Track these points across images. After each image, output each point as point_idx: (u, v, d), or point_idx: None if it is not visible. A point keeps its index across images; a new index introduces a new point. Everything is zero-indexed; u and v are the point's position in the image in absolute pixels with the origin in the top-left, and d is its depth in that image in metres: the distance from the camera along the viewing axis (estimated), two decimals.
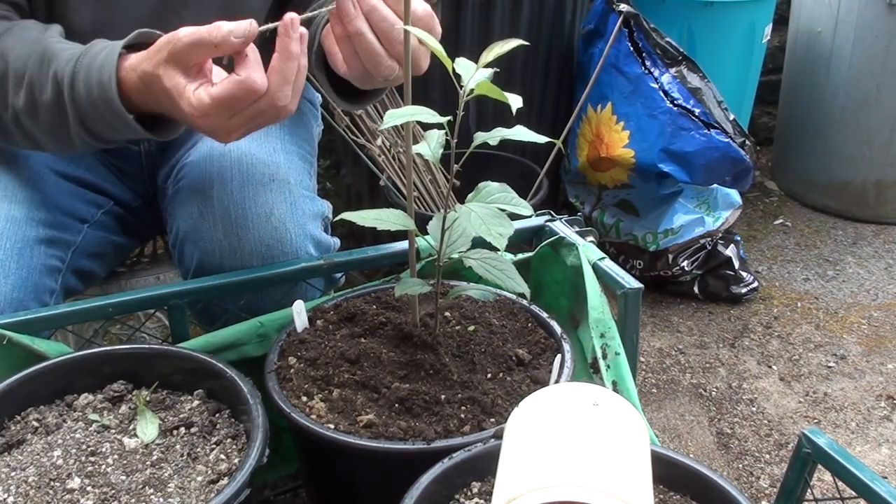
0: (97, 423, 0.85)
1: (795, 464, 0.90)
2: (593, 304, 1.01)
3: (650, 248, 2.37)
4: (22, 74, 0.95)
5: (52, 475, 0.78)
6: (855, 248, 2.73)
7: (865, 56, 2.68)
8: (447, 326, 0.97)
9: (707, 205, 2.33)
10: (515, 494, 0.59)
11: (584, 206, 2.51)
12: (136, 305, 1.01)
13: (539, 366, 0.94)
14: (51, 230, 1.10)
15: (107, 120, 0.93)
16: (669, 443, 1.91)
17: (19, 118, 0.97)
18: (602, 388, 0.71)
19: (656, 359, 2.20)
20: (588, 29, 2.38)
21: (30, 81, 0.95)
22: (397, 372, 0.89)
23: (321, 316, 1.00)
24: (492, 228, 0.76)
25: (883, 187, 2.84)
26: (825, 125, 2.85)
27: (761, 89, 2.81)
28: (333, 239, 1.17)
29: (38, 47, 0.95)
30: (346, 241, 1.30)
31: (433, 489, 0.74)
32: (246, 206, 1.06)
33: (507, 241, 0.76)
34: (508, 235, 0.77)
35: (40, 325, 0.95)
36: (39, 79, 0.94)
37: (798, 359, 2.20)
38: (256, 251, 1.05)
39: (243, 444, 0.83)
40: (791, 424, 1.97)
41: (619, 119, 2.29)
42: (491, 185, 0.83)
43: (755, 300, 2.43)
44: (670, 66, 2.22)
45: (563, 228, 1.13)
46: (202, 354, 0.91)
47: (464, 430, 0.83)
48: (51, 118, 0.95)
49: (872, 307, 2.41)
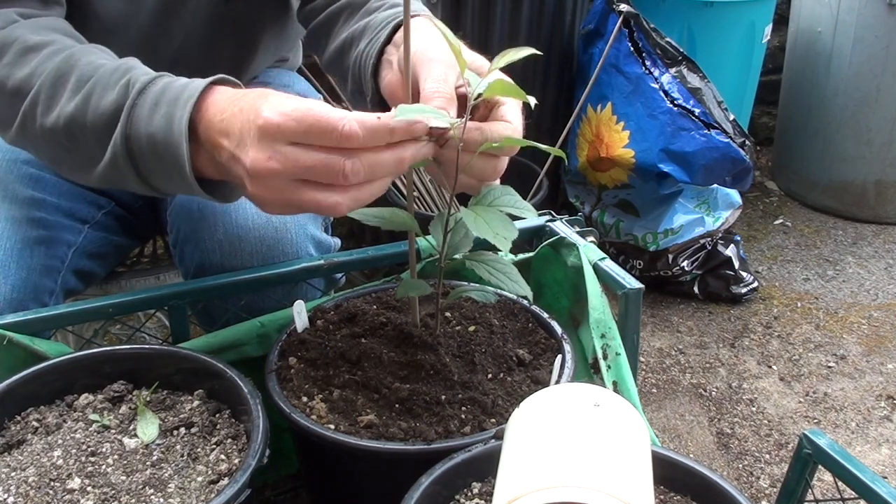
0: (97, 424, 0.85)
1: (796, 464, 0.90)
2: (594, 304, 1.01)
3: (650, 248, 2.37)
4: (88, 78, 0.86)
5: (53, 475, 0.78)
6: (855, 248, 2.73)
7: (865, 56, 2.68)
8: (448, 327, 0.97)
9: (707, 205, 2.34)
10: (516, 495, 0.59)
11: (584, 206, 2.51)
12: (137, 306, 1.01)
13: (540, 366, 0.94)
14: (51, 231, 1.10)
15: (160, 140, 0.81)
16: (669, 443, 1.91)
17: (64, 126, 0.86)
18: (603, 388, 0.71)
19: (656, 359, 2.20)
20: (588, 29, 2.38)
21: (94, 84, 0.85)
22: (398, 372, 0.89)
23: (321, 316, 1.00)
24: (497, 232, 0.76)
25: (883, 187, 2.84)
26: (825, 125, 2.85)
27: (761, 89, 2.81)
28: (334, 239, 1.17)
29: (117, 62, 0.88)
30: (347, 241, 1.30)
31: (434, 489, 0.74)
32: (246, 206, 1.06)
33: (511, 244, 0.76)
34: (513, 239, 0.76)
35: (40, 326, 0.95)
36: (108, 83, 0.85)
37: (798, 359, 2.20)
38: (257, 251, 1.05)
39: (243, 444, 0.83)
40: (791, 424, 1.97)
41: (619, 119, 2.29)
42: (494, 188, 0.82)
43: (755, 300, 2.43)
44: (670, 67, 2.22)
45: (564, 229, 1.13)
46: (202, 355, 0.91)
47: (464, 431, 0.83)
48: (102, 127, 0.84)
49: (872, 307, 2.41)
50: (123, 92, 0.83)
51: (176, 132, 0.79)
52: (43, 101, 0.87)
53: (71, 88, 0.86)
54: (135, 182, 0.86)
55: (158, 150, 0.81)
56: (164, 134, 0.80)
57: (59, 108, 0.86)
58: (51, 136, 0.88)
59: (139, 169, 0.84)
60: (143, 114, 0.81)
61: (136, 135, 0.82)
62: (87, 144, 0.86)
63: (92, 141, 0.85)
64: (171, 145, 0.79)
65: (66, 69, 0.87)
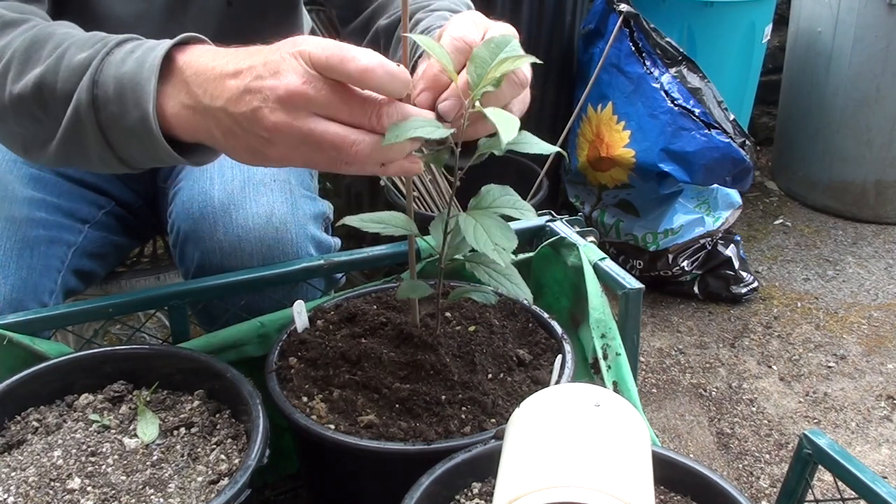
0: (97, 424, 0.85)
1: (796, 464, 0.90)
2: (594, 304, 1.01)
3: (650, 248, 2.37)
4: (62, 43, 0.81)
5: (53, 475, 0.78)
6: (855, 248, 2.73)
7: (865, 56, 2.68)
8: (448, 327, 0.97)
9: (707, 205, 2.34)
10: (516, 495, 0.59)
11: (584, 206, 2.51)
12: (137, 305, 1.01)
13: (540, 366, 0.94)
14: (51, 230, 1.10)
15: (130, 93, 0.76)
16: (669, 443, 1.91)
17: (33, 91, 0.81)
18: (603, 388, 0.71)
19: (656, 359, 2.20)
20: (588, 29, 2.39)
21: (67, 47, 0.80)
22: (398, 372, 0.89)
23: (322, 316, 1.00)
24: (495, 242, 0.76)
25: (883, 187, 2.84)
26: (825, 125, 2.85)
27: (761, 89, 2.81)
28: (334, 239, 1.17)
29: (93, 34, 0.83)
30: (347, 242, 1.30)
31: (434, 490, 0.74)
32: (247, 207, 1.06)
33: (510, 256, 0.75)
34: (512, 248, 0.76)
35: (40, 326, 0.95)
36: (82, 45, 0.80)
37: (798, 359, 2.20)
38: (257, 251, 1.05)
39: (244, 444, 0.83)
40: (791, 424, 1.97)
41: (619, 119, 2.29)
42: (493, 189, 0.82)
43: (755, 300, 2.43)
44: (671, 66, 2.22)
45: (564, 229, 1.13)
46: (202, 355, 0.91)
47: (464, 431, 0.83)
48: (69, 84, 0.78)
49: (872, 307, 2.41)
50: (99, 48, 0.78)
51: (147, 68, 0.73)
52: (15, 68, 0.83)
53: (45, 55, 0.81)
54: (94, 140, 0.80)
55: (125, 91, 0.75)
56: (134, 73, 0.74)
57: (30, 74, 0.81)
58: (20, 104, 0.82)
59: (100, 121, 0.78)
60: (115, 60, 0.76)
61: (104, 80, 0.76)
62: (55, 106, 0.80)
63: (60, 100, 0.79)
64: (139, 83, 0.74)
65: (41, 38, 0.83)
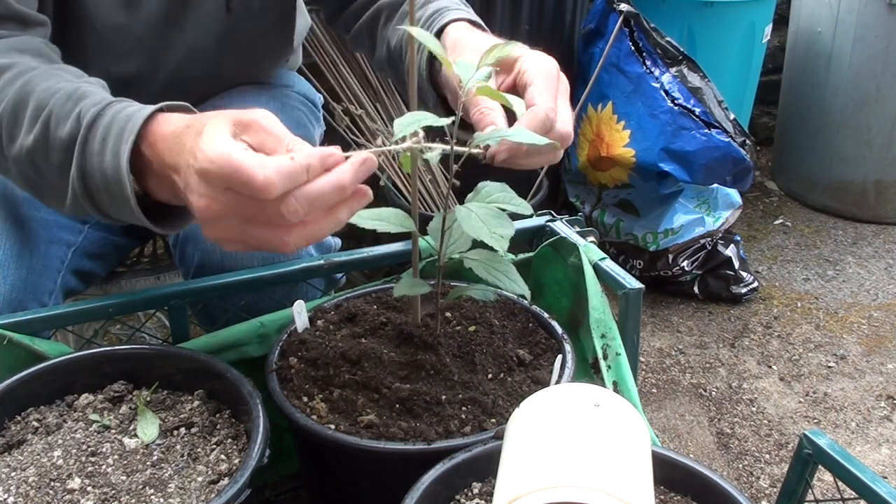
0: (97, 424, 0.85)
1: (796, 465, 0.90)
2: (594, 304, 1.01)
3: (650, 248, 2.37)
4: (44, 107, 0.84)
5: (53, 475, 0.78)
6: (855, 248, 2.73)
7: (865, 56, 2.68)
8: (448, 327, 0.97)
9: (707, 205, 2.34)
10: (516, 495, 0.59)
11: (584, 206, 2.51)
12: (137, 305, 1.01)
13: (540, 366, 0.94)
14: (51, 230, 1.10)
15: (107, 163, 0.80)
16: (669, 443, 1.91)
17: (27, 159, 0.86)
18: (603, 388, 0.71)
19: (656, 359, 2.20)
20: (588, 29, 2.38)
21: (49, 115, 0.84)
22: (398, 372, 0.89)
23: (322, 316, 1.00)
24: (492, 230, 0.76)
25: (883, 187, 2.84)
26: (825, 125, 2.85)
27: (761, 89, 2.81)
28: (334, 239, 1.17)
29: (73, 86, 0.86)
30: (347, 242, 1.30)
31: (434, 490, 0.74)
32: None
33: (508, 243, 0.75)
34: (510, 236, 0.76)
35: (40, 326, 0.95)
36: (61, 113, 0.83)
37: (798, 359, 2.20)
38: (257, 251, 1.05)
39: (244, 444, 0.83)
40: (791, 424, 1.97)
41: (619, 118, 2.29)
42: (490, 185, 0.82)
43: (755, 300, 2.43)
44: (671, 66, 2.22)
45: (564, 228, 1.13)
46: (202, 355, 0.91)
47: (464, 431, 0.83)
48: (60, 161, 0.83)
49: (872, 307, 2.41)
50: (76, 125, 0.82)
51: (123, 169, 0.78)
52: (5, 131, 0.86)
53: (29, 118, 0.85)
54: (100, 217, 0.86)
55: (110, 187, 0.80)
56: (113, 170, 0.79)
57: (20, 140, 0.85)
58: (18, 167, 0.88)
59: (99, 206, 0.84)
60: (94, 149, 0.80)
61: (91, 171, 0.81)
62: (52, 176, 0.85)
63: (55, 175, 0.84)
64: (119, 183, 0.79)
65: (23, 96, 0.85)
